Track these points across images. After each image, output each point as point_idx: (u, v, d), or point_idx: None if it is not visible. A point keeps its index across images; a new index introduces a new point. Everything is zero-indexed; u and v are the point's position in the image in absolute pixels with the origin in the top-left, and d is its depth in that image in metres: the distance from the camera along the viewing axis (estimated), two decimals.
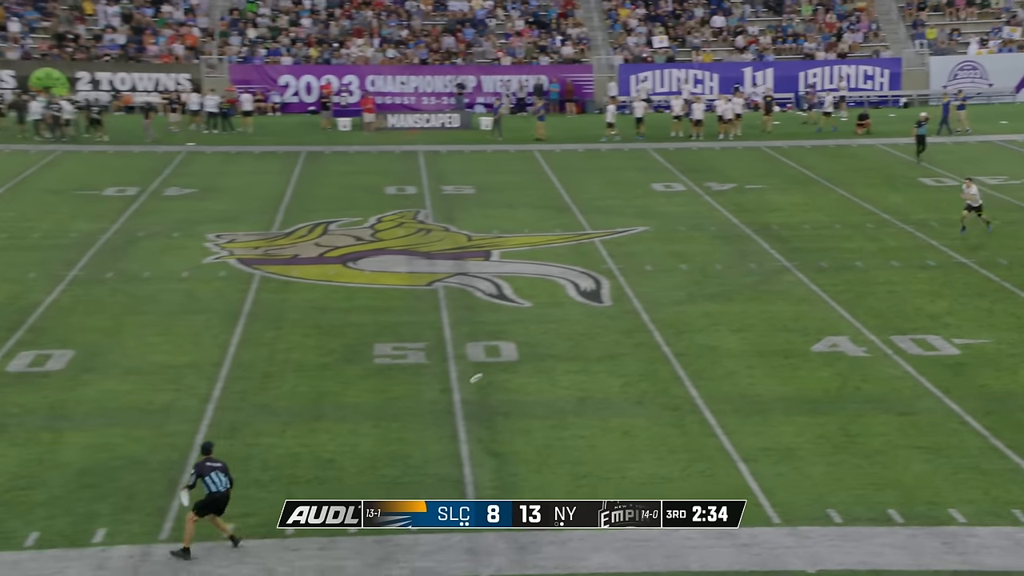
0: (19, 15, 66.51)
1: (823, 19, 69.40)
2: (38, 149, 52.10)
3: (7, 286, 31.07)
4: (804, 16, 69.80)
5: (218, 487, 17.38)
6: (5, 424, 22.28)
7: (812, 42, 68.01)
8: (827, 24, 69.02)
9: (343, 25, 67.94)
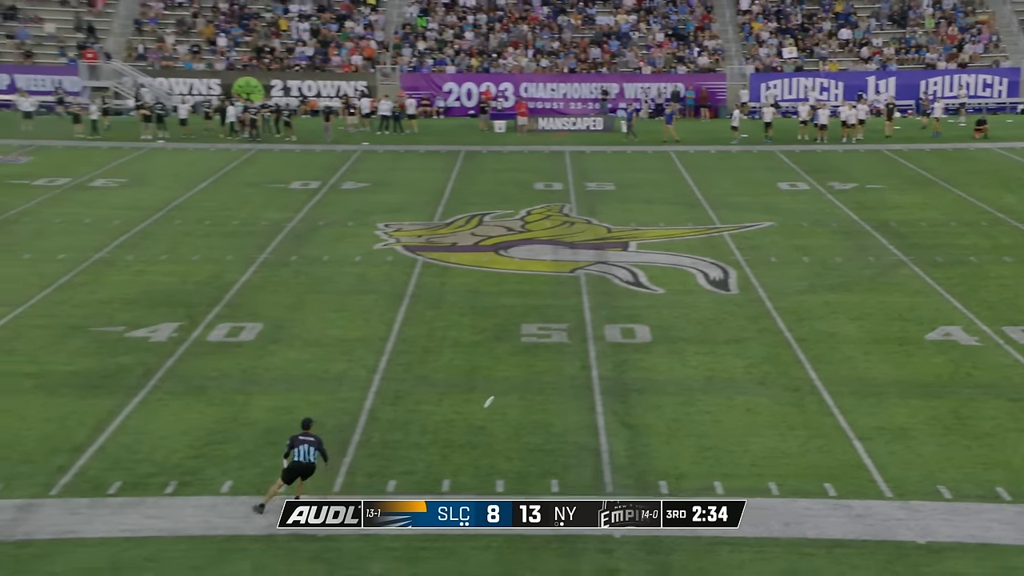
0: (226, 31, 68.09)
1: (945, 31, 67.43)
2: (237, 147, 53.24)
3: (209, 267, 31.78)
4: (927, 29, 67.89)
5: (302, 457, 17.33)
6: (205, 386, 22.84)
7: (934, 53, 66.15)
8: (949, 36, 67.05)
9: (501, 38, 68.15)
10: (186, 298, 28.70)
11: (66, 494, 18.13)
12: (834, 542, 16.72)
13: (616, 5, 70.58)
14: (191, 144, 53.96)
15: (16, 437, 20.28)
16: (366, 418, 21.20)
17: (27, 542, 16.65)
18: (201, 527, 17.07)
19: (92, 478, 18.69)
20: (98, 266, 31.77)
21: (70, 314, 27.38)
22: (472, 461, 19.38)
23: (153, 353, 24.64)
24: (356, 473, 18.88)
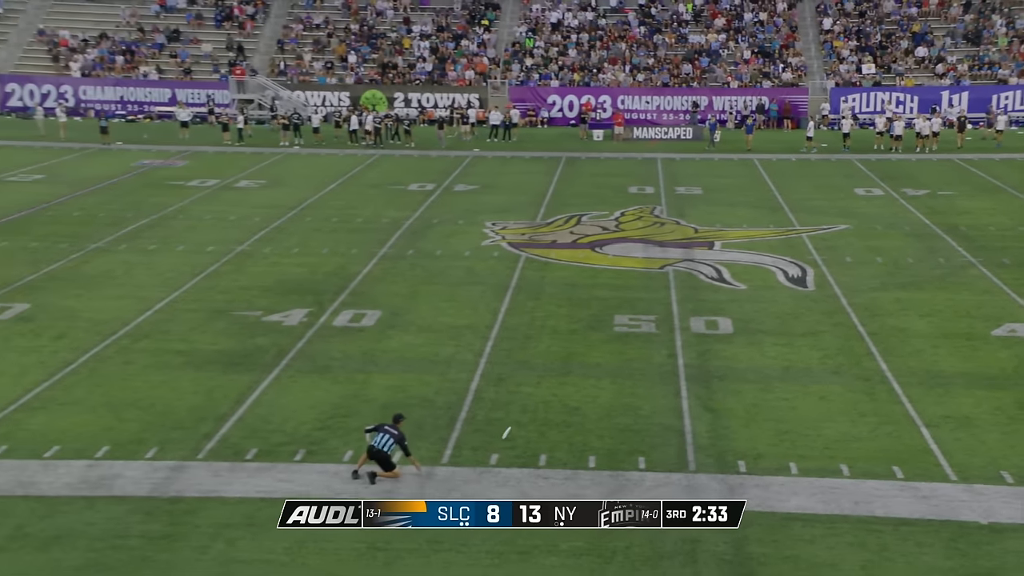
0: (356, 50, 68.88)
1: (1018, 49, 65.41)
2: (363, 153, 53.85)
3: (336, 259, 32.14)
4: (1000, 47, 65.97)
5: (377, 444, 17.41)
6: (330, 366, 23.12)
7: (1006, 69, 64.27)
8: (1021, 54, 65.04)
9: (601, 55, 67.87)
10: (315, 287, 29.09)
11: (210, 458, 18.57)
12: (901, 520, 16.41)
13: (707, 25, 69.82)
14: (322, 150, 54.71)
15: (170, 407, 20.79)
16: (472, 397, 21.30)
17: (178, 498, 17.10)
18: (325, 490, 17.30)
19: (232, 445, 19.10)
20: (240, 258, 32.38)
21: (216, 300, 27.96)
22: (567, 439, 19.36)
23: (286, 335, 25.03)
24: (462, 447, 18.98)
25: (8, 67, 68.12)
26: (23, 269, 30.73)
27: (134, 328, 25.63)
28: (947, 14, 69.13)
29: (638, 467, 18.22)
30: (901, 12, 69.64)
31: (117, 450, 18.88)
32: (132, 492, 17.33)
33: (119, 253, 32.88)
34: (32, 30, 70.97)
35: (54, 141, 55.71)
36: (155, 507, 16.83)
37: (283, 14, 72.65)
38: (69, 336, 24.96)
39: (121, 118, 64.92)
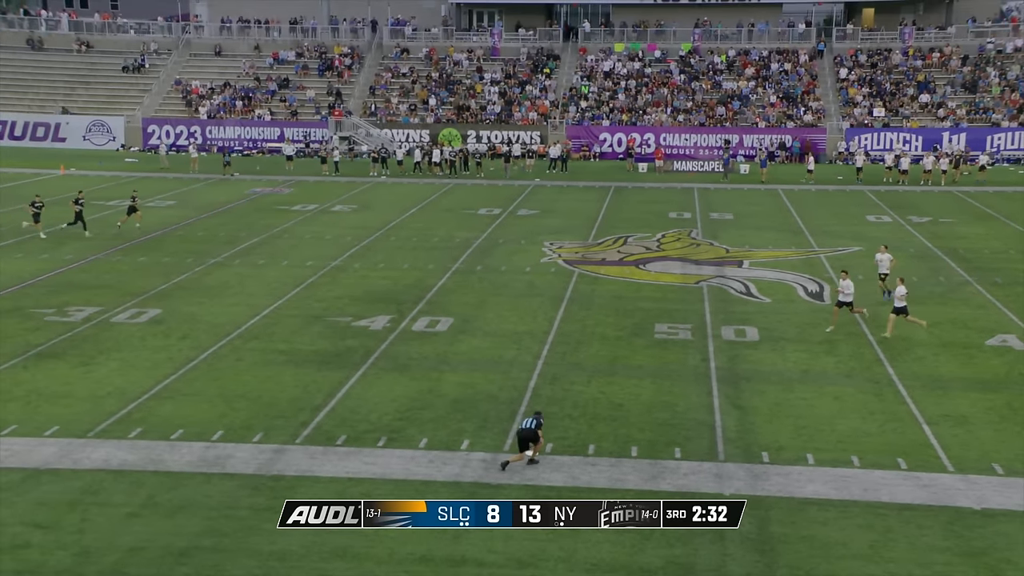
0: (436, 94, 69.30)
1: (1009, 96, 64.05)
2: (440, 182, 54.11)
3: (415, 273, 32.28)
4: (994, 95, 64.60)
5: (524, 426, 17.42)
6: (408, 365, 23.18)
7: (999, 114, 62.90)
8: (1012, 100, 63.67)
9: (646, 98, 67.52)
10: (397, 296, 29.21)
11: (307, 443, 18.69)
12: (904, 506, 16.08)
13: (739, 73, 69.18)
14: (405, 179, 55.04)
15: (273, 398, 20.99)
16: (530, 394, 21.22)
17: (279, 476, 17.24)
18: (403, 473, 17.36)
19: (325, 432, 19.21)
20: (334, 271, 32.64)
21: (313, 307, 28.19)
22: (612, 431, 19.21)
23: (371, 338, 25.15)
24: None
25: (150, 112, 69.61)
26: (157, 280, 31.28)
27: (245, 331, 25.95)
28: (948, 66, 67.83)
29: (674, 456, 18.03)
30: (907, 64, 68.45)
31: (229, 434, 19.10)
32: (241, 470, 17.51)
33: (234, 267, 33.33)
34: (170, 81, 72.44)
35: (184, 172, 56.72)
36: (260, 483, 16.99)
37: (375, 64, 73.33)
38: (192, 337, 25.34)
39: (239, 153, 65.97)
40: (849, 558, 14.34)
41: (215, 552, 14.74)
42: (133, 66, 73.18)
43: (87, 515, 15.86)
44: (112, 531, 15.34)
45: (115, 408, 20.37)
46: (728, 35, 72.59)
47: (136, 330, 25.94)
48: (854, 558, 14.36)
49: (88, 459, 17.95)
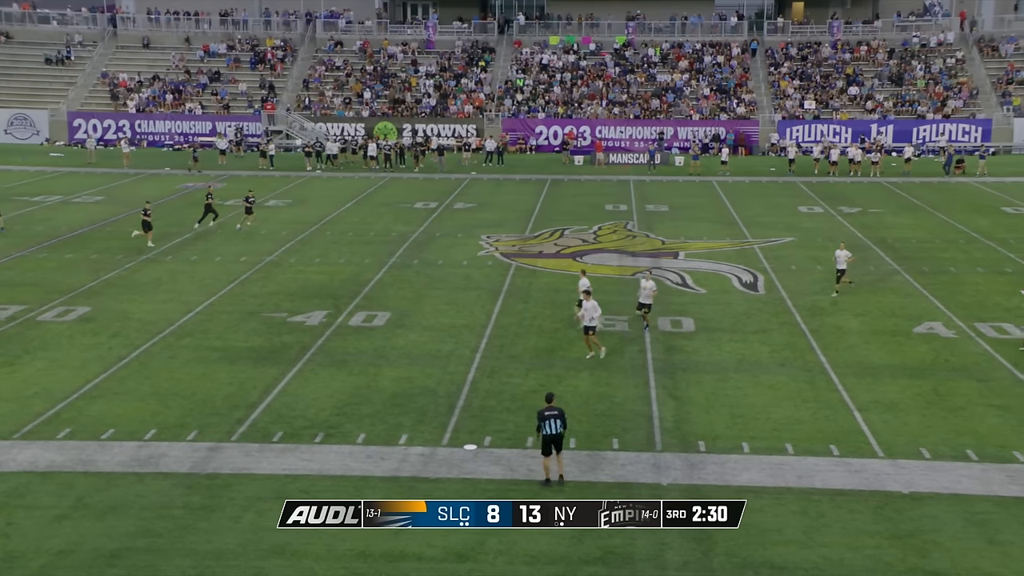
0: (370, 87, 68.73)
1: (933, 89, 65.62)
2: (376, 175, 53.74)
3: (352, 268, 32.05)
4: (919, 87, 66.12)
5: (550, 431, 16.17)
6: (345, 360, 23.02)
7: (924, 106, 64.43)
8: (936, 93, 65.25)
9: (582, 91, 67.81)
10: (333, 291, 28.99)
11: (243, 440, 18.48)
12: (836, 491, 16.41)
13: (673, 66, 69.80)
14: (340, 173, 54.57)
15: (208, 396, 20.70)
16: (468, 388, 21.22)
17: (215, 475, 17.02)
18: (341, 469, 17.24)
19: (261, 428, 19.00)
20: (269, 267, 32.26)
21: (247, 303, 27.84)
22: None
23: (308, 334, 24.93)
24: (460, 430, 18.90)
25: (76, 105, 67.94)
26: (85, 277, 30.59)
27: (178, 328, 25.52)
28: (875, 59, 69.26)
29: (612, 447, 18.15)
30: (836, 57, 69.72)
31: (163, 433, 18.79)
32: (175, 469, 17.23)
33: (166, 263, 32.75)
34: (96, 74, 70.78)
35: (113, 167, 55.49)
36: (195, 482, 16.73)
37: (308, 57, 72.51)
38: (123, 335, 24.85)
39: (170, 147, 64.79)
40: (784, 544, 14.59)
41: (148, 553, 14.48)
42: (57, 58, 71.34)
43: (12, 518, 15.47)
44: (39, 534, 14.98)
45: (42, 408, 19.88)
46: (661, 28, 73.25)
47: (64, 328, 25.35)
48: (789, 544, 14.62)
49: (14, 461, 17.50)
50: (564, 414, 16.46)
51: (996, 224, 39.35)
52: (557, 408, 16.48)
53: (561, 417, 16.31)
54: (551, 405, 16.49)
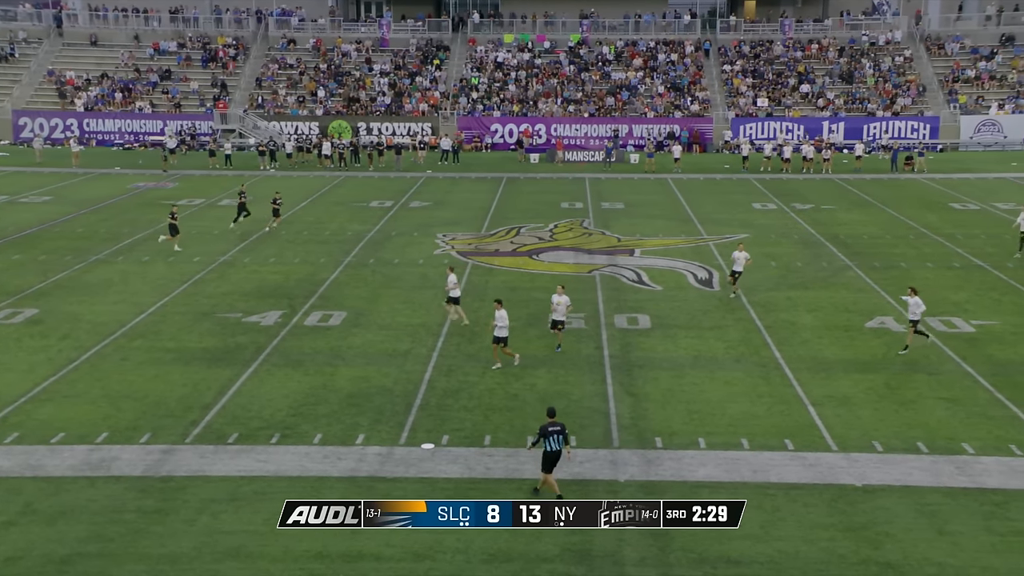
0: (324, 86, 68.26)
1: (883, 87, 66.65)
2: (331, 174, 53.39)
3: (306, 267, 31.84)
4: (869, 85, 67.11)
5: (552, 447, 15.53)
6: (302, 360, 22.87)
7: (874, 104, 65.40)
8: (885, 91, 66.27)
9: (537, 89, 67.91)
10: (288, 291, 28.78)
11: (197, 442, 18.30)
12: (791, 485, 16.60)
13: (627, 64, 70.16)
14: (294, 172, 54.14)
15: (161, 397, 20.46)
16: (425, 387, 21.18)
17: (169, 477, 16.82)
18: (298, 469, 17.13)
19: (216, 430, 18.82)
20: (223, 267, 31.93)
21: (201, 304, 27.54)
22: (508, 421, 19.31)
23: (263, 334, 24.74)
24: (417, 429, 18.88)
25: (21, 103, 66.70)
26: (33, 278, 30.07)
27: (130, 329, 25.17)
28: (826, 57, 70.14)
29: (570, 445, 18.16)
30: (788, 55, 70.51)
31: (115, 436, 18.53)
32: (128, 472, 17.00)
33: (117, 264, 32.29)
34: (42, 71, 69.53)
35: (61, 167, 54.57)
36: (148, 485, 16.52)
37: (261, 55, 71.84)
38: (73, 337, 24.46)
39: (120, 146, 63.88)
40: (740, 538, 14.71)
41: (100, 558, 14.26)
42: (0, 55, 70.00)
43: None
44: None
45: None
46: (615, 26, 73.60)
47: (11, 331, 24.89)
48: (745, 538, 14.75)
49: None
50: (565, 429, 15.81)
51: (944, 220, 40.03)
52: (560, 423, 15.73)
53: (563, 433, 15.65)
54: (554, 420, 15.69)
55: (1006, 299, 28.09)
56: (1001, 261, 32.33)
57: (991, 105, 64.58)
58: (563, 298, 23.40)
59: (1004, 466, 17.29)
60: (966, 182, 49.92)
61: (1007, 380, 21.53)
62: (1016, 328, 25.31)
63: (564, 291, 23.61)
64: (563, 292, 23.57)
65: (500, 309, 22.17)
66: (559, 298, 23.38)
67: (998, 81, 67.05)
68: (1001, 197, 44.93)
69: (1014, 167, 55.07)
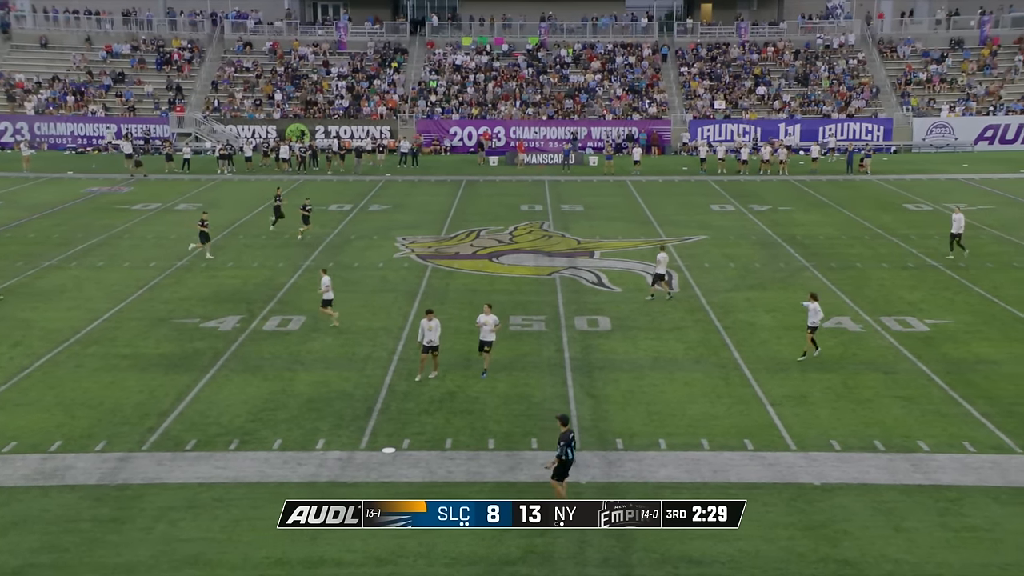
0: (282, 88, 67.78)
1: (837, 89, 67.54)
2: (289, 177, 52.98)
3: (265, 272, 31.61)
4: (824, 88, 67.97)
5: (570, 456, 15.42)
6: (260, 365, 22.69)
7: (829, 106, 66.24)
8: (840, 93, 67.15)
9: (495, 92, 67.96)
10: (247, 296, 28.56)
11: (154, 449, 18.09)
12: (751, 484, 16.75)
13: (585, 67, 70.44)
14: (252, 176, 53.69)
15: (117, 404, 20.20)
16: (386, 391, 21.09)
17: (125, 485, 16.60)
18: (257, 475, 16.99)
19: (174, 437, 18.62)
20: (180, 272, 31.60)
21: (158, 309, 27.23)
22: (469, 424, 19.29)
23: (221, 339, 24.51)
24: (378, 433, 18.79)
25: None
26: None
27: (84, 336, 24.82)
28: (781, 60, 70.94)
29: (531, 447, 18.22)
30: (744, 57, 71.21)
31: (69, 444, 18.25)
32: (83, 481, 16.76)
33: (70, 270, 31.82)
34: None
35: (11, 171, 53.64)
36: (104, 494, 16.29)
37: (217, 58, 71.19)
38: (25, 344, 24.06)
39: (72, 150, 62.97)
40: (701, 538, 14.78)
41: (54, 569, 14.04)
42: None
43: None
44: None
45: None
46: (573, 29, 73.87)
47: None
48: (706, 538, 14.82)
49: None
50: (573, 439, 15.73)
51: (899, 220, 40.62)
52: (572, 431, 15.76)
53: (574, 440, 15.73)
54: (569, 428, 15.59)
55: (959, 298, 28.55)
56: (954, 261, 32.86)
57: (942, 107, 65.70)
58: (490, 317, 21.75)
59: (958, 463, 17.56)
60: (919, 183, 50.70)
61: (960, 378, 21.88)
62: (969, 327, 25.74)
63: (491, 310, 21.98)
64: (490, 312, 21.89)
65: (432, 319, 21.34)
66: (486, 318, 21.73)
67: (949, 84, 68.25)
68: (953, 198, 45.66)
69: (965, 168, 56.03)
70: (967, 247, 33.42)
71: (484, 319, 21.80)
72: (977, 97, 66.74)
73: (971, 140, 64.21)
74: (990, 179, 51.81)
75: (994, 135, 64.48)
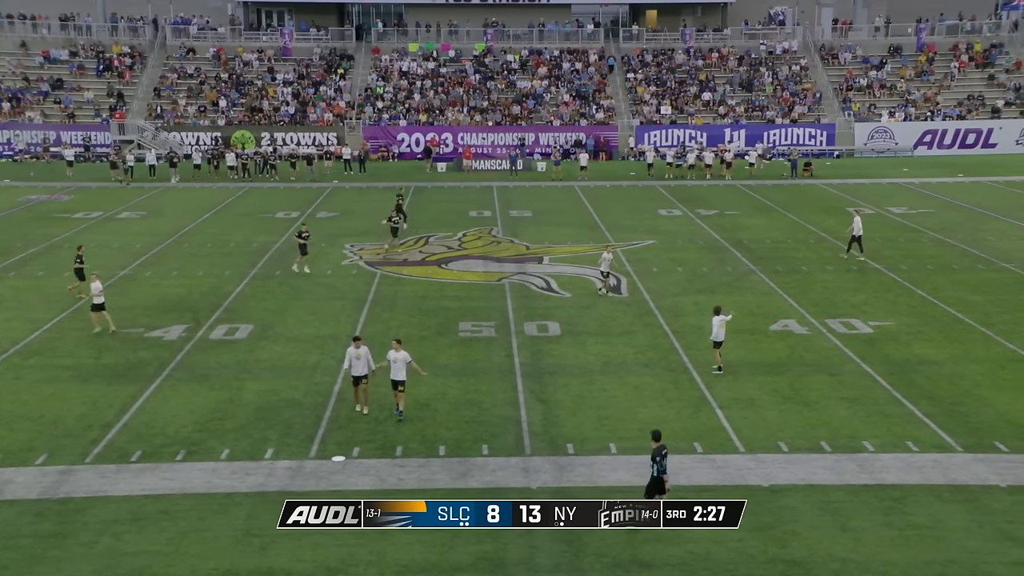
0: (226, 95, 67.06)
1: (781, 95, 68.54)
2: (235, 185, 52.44)
3: (211, 280, 31.24)
4: (768, 93, 68.95)
5: (656, 472, 15.25)
6: (207, 375, 22.44)
7: (773, 111, 67.19)
8: (784, 99, 68.16)
9: (442, 98, 67.89)
10: (193, 305, 28.19)
11: (97, 461, 17.76)
12: (702, 487, 16.83)
13: (532, 73, 70.67)
14: (197, 184, 53.03)
15: (58, 416, 19.81)
16: (335, 399, 20.94)
17: (67, 499, 16.28)
18: (205, 486, 16.75)
19: (118, 448, 18.30)
20: (123, 281, 31.10)
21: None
22: (419, 431, 19.21)
23: (166, 349, 24.17)
24: (328, 442, 18.64)
25: None
26: None
27: (23, 347, 24.32)
28: (726, 66, 71.83)
29: (482, 453, 18.20)
30: (690, 63, 71.98)
31: (7, 458, 17.85)
32: (23, 496, 16.39)
33: (8, 279, 31.18)
34: None
35: None
36: (45, 508, 15.94)
37: (159, 64, 70.24)
38: None
39: (9, 158, 61.67)
40: (652, 541, 14.85)
41: None
42: None
43: None
44: None
45: None
46: (520, 35, 74.10)
47: None
48: (657, 541, 14.88)
49: None
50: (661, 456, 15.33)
51: (842, 224, 41.08)
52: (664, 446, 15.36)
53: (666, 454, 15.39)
54: (661, 444, 15.31)
55: (901, 300, 29.09)
56: (896, 264, 33.47)
57: (883, 113, 66.99)
58: (400, 354, 19.66)
59: (902, 462, 17.86)
60: (862, 187, 51.60)
61: (903, 379, 22.28)
62: (910, 328, 26.23)
63: (401, 346, 19.94)
64: (400, 348, 19.83)
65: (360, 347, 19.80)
66: (396, 354, 19.65)
67: (888, 89, 69.64)
68: (895, 201, 46.61)
69: (905, 172, 57.14)
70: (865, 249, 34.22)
71: (394, 355, 19.67)
72: (915, 103, 68.16)
73: (911, 145, 65.57)
74: (929, 183, 52.88)
75: (932, 140, 65.91)
